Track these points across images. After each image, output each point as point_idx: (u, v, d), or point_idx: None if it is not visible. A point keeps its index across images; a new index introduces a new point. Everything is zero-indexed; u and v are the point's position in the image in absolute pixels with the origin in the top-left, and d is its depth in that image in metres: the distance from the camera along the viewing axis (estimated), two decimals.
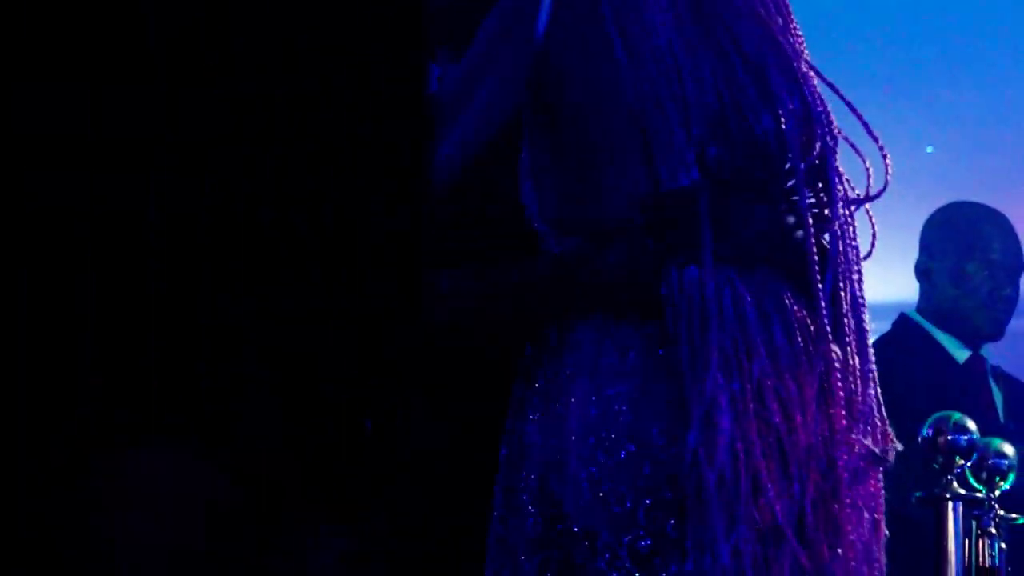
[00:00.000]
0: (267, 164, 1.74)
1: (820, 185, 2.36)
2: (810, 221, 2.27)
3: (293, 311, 1.74)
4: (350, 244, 2.06)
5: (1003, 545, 3.12)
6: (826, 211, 2.35)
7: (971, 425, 3.06)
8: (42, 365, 1.54)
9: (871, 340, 2.66)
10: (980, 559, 3.06)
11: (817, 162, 2.33)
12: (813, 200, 2.32)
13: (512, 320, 2.65)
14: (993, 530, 3.08)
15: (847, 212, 2.35)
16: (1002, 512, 3.08)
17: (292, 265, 1.75)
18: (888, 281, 3.66)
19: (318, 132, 1.91)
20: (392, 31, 1.91)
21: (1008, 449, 3.16)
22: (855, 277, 2.36)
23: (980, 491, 3.04)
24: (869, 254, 2.37)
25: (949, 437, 3.01)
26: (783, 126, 2.27)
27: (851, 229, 2.36)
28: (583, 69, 2.45)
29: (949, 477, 2.98)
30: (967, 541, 3.04)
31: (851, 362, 2.29)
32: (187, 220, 1.66)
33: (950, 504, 2.99)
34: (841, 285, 2.33)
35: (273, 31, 1.78)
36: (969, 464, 3.03)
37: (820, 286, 2.27)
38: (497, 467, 2.45)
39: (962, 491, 2.99)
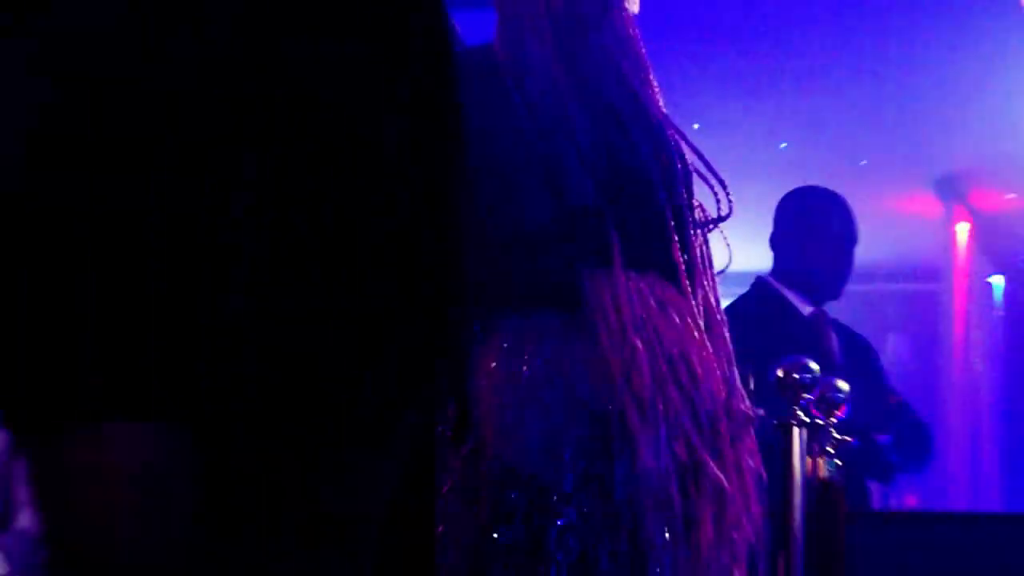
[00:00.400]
0: (268, 164, 1.65)
1: (679, 209, 2.69)
2: (675, 238, 2.62)
3: (294, 311, 1.63)
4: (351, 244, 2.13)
5: (838, 462, 3.37)
6: (686, 229, 2.68)
7: (813, 366, 3.28)
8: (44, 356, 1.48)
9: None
10: (819, 473, 3.32)
11: (674, 193, 2.69)
12: (674, 221, 2.66)
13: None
14: (830, 450, 3.34)
15: (700, 231, 2.73)
16: (837, 436, 3.32)
17: (294, 264, 1.65)
18: (749, 253, 3.66)
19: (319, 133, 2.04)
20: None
21: (843, 385, 3.41)
22: (710, 282, 2.75)
23: (820, 419, 3.28)
24: (723, 220, 2.73)
25: (796, 375, 3.23)
26: (642, 165, 2.65)
27: (706, 244, 2.75)
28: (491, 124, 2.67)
29: (796, 408, 3.19)
30: (810, 459, 3.29)
31: (724, 345, 2.69)
32: (187, 219, 1.55)
33: (796, 430, 3.22)
34: (704, 287, 2.71)
35: (277, 32, 1.66)
36: (812, 397, 3.25)
37: (691, 291, 2.65)
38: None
39: (806, 419, 3.23)
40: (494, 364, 2.68)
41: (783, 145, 5.12)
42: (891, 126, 6.28)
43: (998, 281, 8.16)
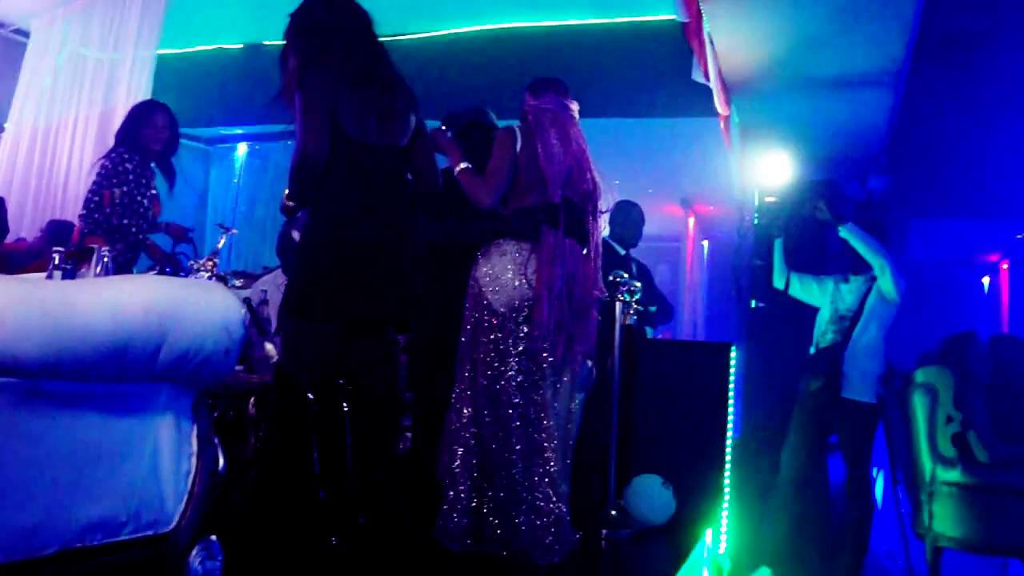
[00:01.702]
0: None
1: (592, 207, 3.43)
2: (591, 220, 3.44)
3: None
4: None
5: (635, 318, 4.22)
6: (594, 216, 3.44)
7: (624, 274, 4.10)
8: None
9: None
10: (625, 321, 4.05)
11: (590, 201, 3.42)
12: (590, 213, 3.44)
13: (476, 239, 3.42)
14: (631, 312, 4.12)
15: (598, 215, 3.47)
16: (634, 305, 4.11)
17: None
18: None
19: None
20: None
21: (637, 284, 4.12)
22: (599, 239, 3.49)
23: (626, 298, 4.04)
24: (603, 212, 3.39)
25: (617, 279, 4.02)
26: (587, 187, 3.41)
27: (599, 221, 3.48)
28: (526, 159, 3.33)
29: (617, 293, 4.01)
30: (620, 315, 4.02)
31: (596, 268, 3.43)
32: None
33: (617, 303, 4.00)
34: (596, 244, 3.47)
35: None
36: (624, 288, 4.04)
37: (592, 244, 3.41)
38: (465, 301, 3.38)
39: (621, 298, 4.01)
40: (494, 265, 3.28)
41: (616, 182, 4.83)
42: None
43: (706, 244, 10.01)
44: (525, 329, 3.24)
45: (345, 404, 2.59)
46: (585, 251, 3.39)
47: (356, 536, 2.48)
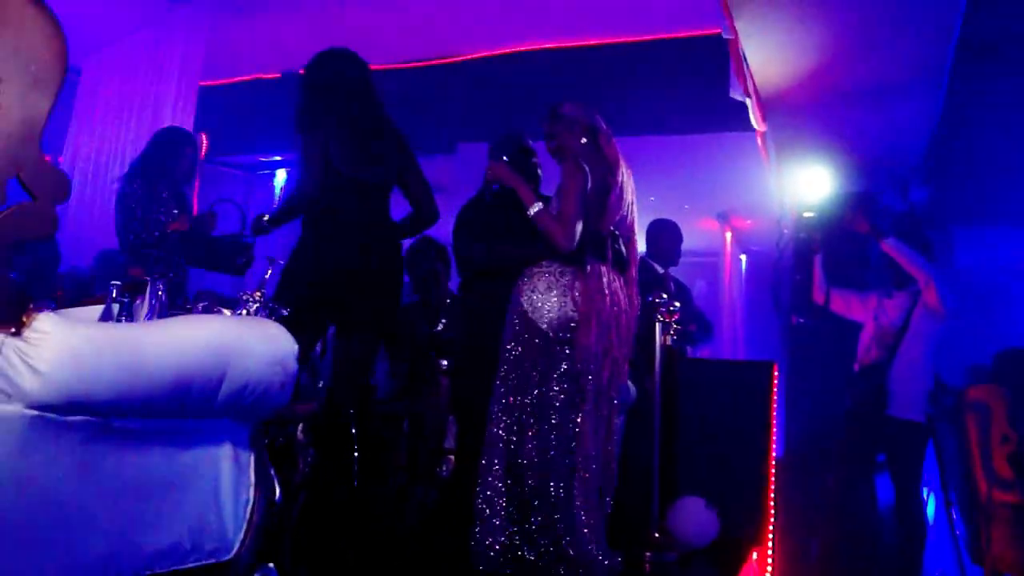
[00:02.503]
0: None
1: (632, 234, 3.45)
2: (631, 246, 3.44)
3: None
4: None
5: (675, 337, 4.12)
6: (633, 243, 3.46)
7: (665, 296, 3.99)
8: None
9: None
10: (666, 341, 4.01)
11: (631, 229, 3.45)
12: (631, 239, 3.47)
13: (519, 262, 3.44)
14: (671, 332, 4.03)
15: (635, 241, 3.48)
16: (674, 325, 4.01)
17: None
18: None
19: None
20: None
21: (676, 303, 4.05)
22: (636, 263, 3.52)
23: (666, 318, 3.99)
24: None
25: (656, 300, 4.00)
26: (628, 215, 3.44)
27: (636, 246, 3.50)
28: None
29: (656, 313, 4.00)
30: (661, 335, 3.99)
31: (635, 299, 3.46)
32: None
33: (657, 325, 3.99)
34: (634, 269, 3.49)
35: None
36: (663, 308, 4.01)
37: (632, 269, 3.44)
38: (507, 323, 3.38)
39: (660, 319, 3.99)
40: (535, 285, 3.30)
41: (652, 198, 5.21)
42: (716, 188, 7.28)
43: (743, 258, 9.97)
44: (568, 351, 3.25)
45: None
46: (626, 277, 3.44)
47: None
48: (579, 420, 3.23)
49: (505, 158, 3.72)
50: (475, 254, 3.72)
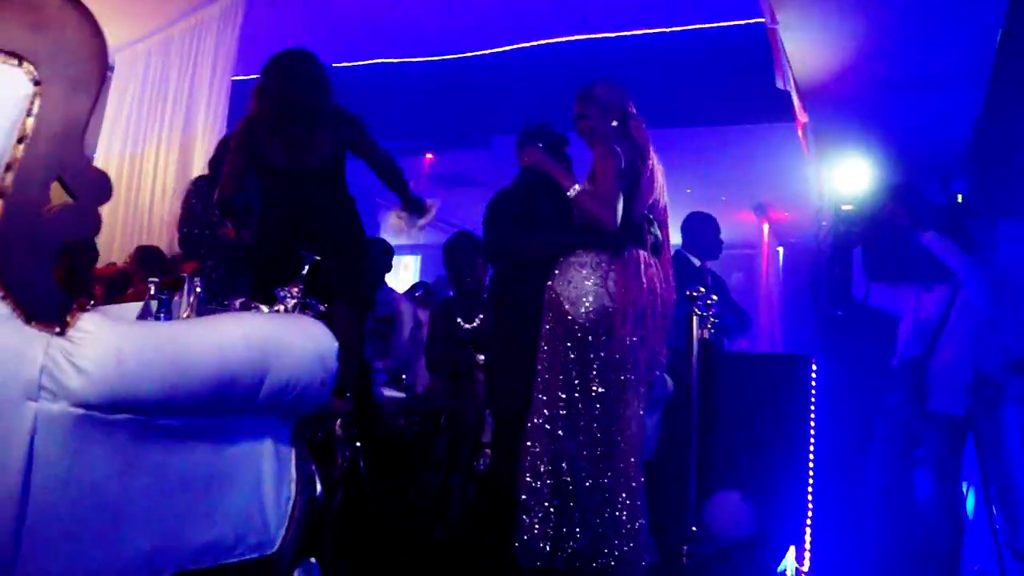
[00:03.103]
0: None
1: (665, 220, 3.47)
2: (664, 233, 3.47)
3: None
4: None
5: (712, 331, 4.15)
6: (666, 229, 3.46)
7: (702, 289, 4.12)
8: None
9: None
10: (703, 335, 4.06)
11: (665, 214, 3.47)
12: (664, 225, 3.48)
13: (553, 252, 3.42)
14: (708, 326, 4.11)
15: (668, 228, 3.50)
16: (711, 318, 4.04)
17: None
18: (676, 238, 4.26)
19: None
20: None
21: (713, 296, 4.13)
22: (670, 251, 3.55)
23: (703, 311, 4.06)
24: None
25: (693, 293, 4.05)
26: (661, 200, 3.43)
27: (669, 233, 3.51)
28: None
29: (694, 306, 4.04)
30: (698, 329, 4.06)
31: (669, 280, 3.46)
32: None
33: (694, 318, 4.03)
34: (668, 256, 3.52)
35: None
36: (700, 301, 4.06)
37: (666, 256, 3.46)
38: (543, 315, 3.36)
39: (697, 312, 4.04)
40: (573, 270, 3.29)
41: (688, 191, 5.57)
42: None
43: (781, 250, 9.88)
44: (604, 340, 3.23)
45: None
46: (661, 261, 3.43)
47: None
48: (620, 412, 3.20)
49: (540, 145, 3.65)
50: (507, 243, 3.67)
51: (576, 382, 3.21)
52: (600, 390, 3.19)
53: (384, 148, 3.77)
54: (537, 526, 3.13)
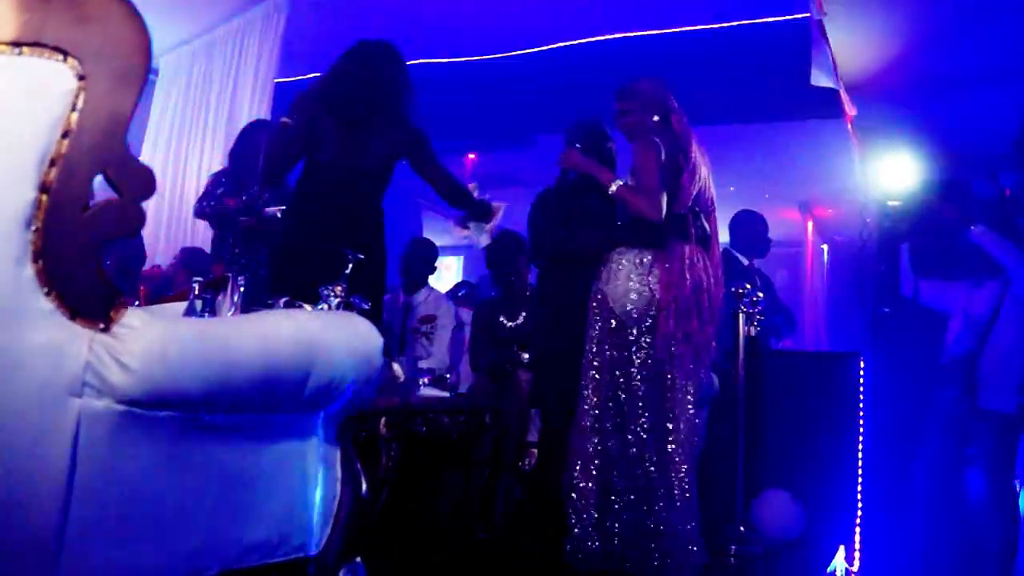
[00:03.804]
0: None
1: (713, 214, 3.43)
2: (713, 227, 3.43)
3: None
4: None
5: (758, 328, 4.16)
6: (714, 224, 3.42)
7: (748, 285, 4.11)
8: None
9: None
10: (750, 332, 4.10)
11: (712, 208, 3.42)
12: (712, 220, 3.43)
13: (596, 249, 3.42)
14: (754, 323, 4.13)
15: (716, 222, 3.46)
16: (757, 315, 4.06)
17: None
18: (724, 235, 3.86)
19: None
20: None
21: (760, 295, 4.09)
22: (719, 246, 3.52)
23: (749, 309, 4.08)
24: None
25: (740, 291, 4.07)
26: (708, 194, 3.38)
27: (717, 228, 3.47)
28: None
29: (740, 304, 4.07)
30: (745, 327, 4.08)
31: (719, 276, 3.42)
32: None
33: (741, 316, 4.07)
34: (717, 252, 3.48)
35: None
36: (747, 299, 4.09)
37: (714, 251, 3.42)
38: (588, 313, 3.33)
39: (744, 309, 4.04)
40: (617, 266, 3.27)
41: (732, 188, 5.49)
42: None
43: (825, 248, 9.76)
44: (649, 339, 3.19)
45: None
46: (709, 254, 3.39)
47: None
48: (668, 410, 3.15)
49: (578, 145, 3.59)
50: (551, 241, 3.64)
51: (621, 381, 3.19)
52: (645, 388, 3.14)
53: (444, 164, 3.71)
54: (586, 527, 3.09)
